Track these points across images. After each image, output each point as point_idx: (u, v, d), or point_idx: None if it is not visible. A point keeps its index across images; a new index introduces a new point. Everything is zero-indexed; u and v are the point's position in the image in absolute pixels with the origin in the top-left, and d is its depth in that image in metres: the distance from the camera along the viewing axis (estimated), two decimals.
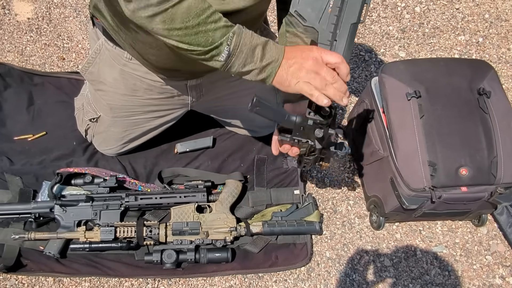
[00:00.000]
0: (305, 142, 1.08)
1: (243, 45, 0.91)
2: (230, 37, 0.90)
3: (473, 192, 1.35)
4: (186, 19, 0.86)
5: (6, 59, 1.87)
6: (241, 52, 0.91)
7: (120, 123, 1.47)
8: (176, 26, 0.87)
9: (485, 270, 1.52)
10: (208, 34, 0.89)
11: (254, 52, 0.92)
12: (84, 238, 1.40)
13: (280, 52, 0.94)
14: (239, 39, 0.91)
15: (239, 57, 0.92)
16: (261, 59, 0.93)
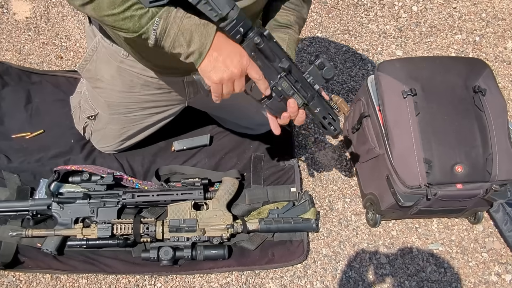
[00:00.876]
0: (292, 94, 1.12)
1: (171, 29, 0.96)
2: (156, 22, 0.94)
3: (468, 189, 1.36)
4: (112, 6, 0.93)
5: (4, 58, 1.88)
6: (169, 36, 0.97)
7: (118, 120, 1.48)
8: (105, 13, 0.94)
9: (481, 267, 1.52)
10: (134, 20, 0.95)
11: (182, 37, 0.97)
12: (81, 235, 1.40)
13: (207, 41, 0.98)
14: (166, 24, 0.95)
15: (166, 41, 0.97)
16: (187, 45, 0.98)
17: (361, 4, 2.19)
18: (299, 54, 2.01)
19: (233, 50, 1.00)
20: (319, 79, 1.13)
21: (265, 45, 1.03)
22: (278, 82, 1.10)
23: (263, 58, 1.06)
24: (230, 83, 1.02)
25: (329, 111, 1.21)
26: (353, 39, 2.08)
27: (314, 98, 1.16)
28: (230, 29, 0.98)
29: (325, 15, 2.15)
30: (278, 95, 1.11)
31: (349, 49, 2.05)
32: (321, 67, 1.11)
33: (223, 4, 0.94)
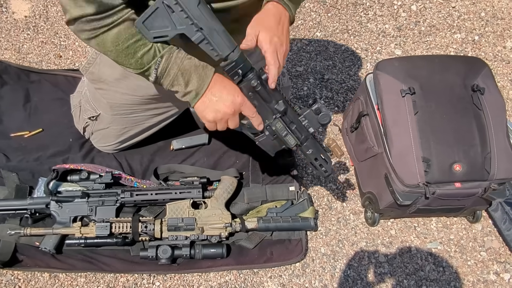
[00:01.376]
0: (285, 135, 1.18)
1: (171, 69, 1.02)
2: (158, 61, 1.01)
3: (467, 188, 1.36)
4: (116, 43, 1.00)
5: (3, 57, 1.88)
6: (169, 75, 1.03)
7: (120, 120, 1.48)
8: (108, 49, 1.01)
9: (479, 266, 1.52)
10: (137, 57, 1.01)
11: (181, 77, 1.03)
12: (80, 234, 1.40)
13: (204, 83, 1.04)
14: (167, 64, 1.01)
15: (166, 79, 1.04)
16: (185, 85, 1.04)
17: (360, 3, 2.19)
18: (298, 54, 2.01)
19: (227, 90, 1.05)
20: (314, 123, 1.18)
21: (261, 88, 1.08)
22: (273, 122, 1.16)
23: (260, 99, 1.11)
24: (223, 121, 1.08)
25: (322, 153, 1.27)
26: (352, 38, 2.08)
27: (308, 140, 1.22)
28: (229, 70, 1.03)
29: (324, 14, 2.15)
30: (271, 134, 1.17)
31: (348, 48, 2.05)
32: (317, 112, 1.16)
33: (224, 46, 1.00)
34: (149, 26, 0.98)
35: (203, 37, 0.99)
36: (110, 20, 0.97)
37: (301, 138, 1.20)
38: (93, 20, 0.96)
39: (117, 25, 0.98)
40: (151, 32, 0.98)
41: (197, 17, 0.96)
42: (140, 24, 0.97)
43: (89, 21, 0.96)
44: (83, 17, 0.95)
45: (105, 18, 0.96)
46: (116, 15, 0.97)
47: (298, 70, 1.96)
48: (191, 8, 0.95)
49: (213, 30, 0.98)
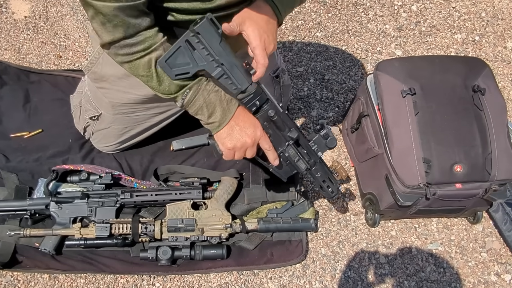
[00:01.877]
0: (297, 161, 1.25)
1: (197, 100, 1.07)
2: (186, 92, 1.06)
3: (467, 189, 1.36)
4: (147, 70, 1.04)
5: (3, 57, 1.88)
6: (194, 105, 1.08)
7: (122, 120, 1.47)
8: (140, 74, 1.06)
9: (480, 267, 1.52)
10: (165, 84, 1.06)
11: (205, 108, 1.08)
12: (80, 234, 1.40)
13: (226, 117, 1.09)
14: (194, 95, 1.06)
15: (191, 108, 1.09)
16: (209, 116, 1.09)
17: (360, 3, 2.19)
18: (298, 54, 2.01)
19: (249, 122, 1.11)
20: (322, 147, 1.25)
21: (278, 118, 1.14)
22: (286, 149, 1.21)
23: (274, 128, 1.17)
24: (242, 150, 1.13)
25: (329, 175, 1.33)
26: (352, 38, 2.08)
27: (316, 164, 1.28)
28: (247, 102, 1.10)
29: (324, 14, 2.15)
30: (284, 160, 1.23)
31: (348, 48, 2.05)
32: (325, 137, 1.23)
33: (242, 80, 1.05)
34: (172, 65, 1.00)
35: (223, 72, 1.03)
36: (142, 47, 1.01)
37: (311, 162, 1.26)
38: (126, 45, 1.00)
39: (149, 53, 1.02)
40: (173, 70, 1.01)
41: (219, 54, 1.00)
42: (163, 63, 1.00)
43: (122, 46, 1.01)
44: (114, 42, 1.00)
45: (136, 44, 1.00)
46: (148, 42, 1.01)
47: (298, 70, 1.96)
48: (213, 45, 0.99)
49: (234, 65, 1.02)
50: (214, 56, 1.00)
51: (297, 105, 1.85)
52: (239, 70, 1.03)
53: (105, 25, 0.97)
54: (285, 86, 1.59)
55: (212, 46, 0.99)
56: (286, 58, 1.99)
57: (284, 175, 1.27)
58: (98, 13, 0.95)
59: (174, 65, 1.01)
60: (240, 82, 1.05)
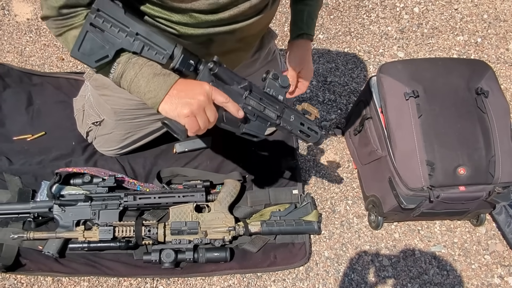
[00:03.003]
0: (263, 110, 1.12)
1: (127, 74, 0.98)
2: (114, 67, 0.98)
3: (471, 192, 1.36)
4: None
5: (6, 60, 1.88)
6: (125, 80, 0.99)
7: (123, 125, 1.47)
8: (69, 47, 0.98)
9: (483, 269, 1.52)
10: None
11: (137, 83, 0.98)
12: (83, 237, 1.40)
13: (166, 85, 0.97)
14: (123, 69, 0.98)
15: (123, 84, 1.00)
16: (143, 91, 0.98)
17: (362, 5, 2.19)
18: None
19: (193, 83, 0.99)
20: (279, 90, 1.14)
21: (219, 69, 1.02)
22: (246, 102, 1.09)
23: (223, 84, 1.05)
24: (201, 111, 0.98)
25: (302, 118, 1.21)
26: (354, 40, 2.08)
27: (284, 109, 1.17)
28: (181, 64, 0.99)
29: (326, 16, 2.15)
30: (251, 114, 1.11)
31: (350, 50, 2.05)
32: (275, 78, 1.12)
33: (165, 44, 0.96)
34: (87, 52, 0.94)
35: (143, 44, 0.95)
36: (71, 22, 0.97)
37: (278, 109, 1.15)
38: (56, 20, 0.97)
39: (77, 27, 0.97)
40: (91, 57, 0.94)
41: (129, 25, 0.94)
42: (76, 53, 0.93)
43: (54, 21, 0.97)
44: (50, 17, 0.97)
45: (66, 19, 0.96)
46: (77, 17, 0.96)
47: None
48: (119, 18, 0.93)
49: (149, 32, 0.95)
50: (125, 29, 0.93)
51: None
52: (158, 35, 0.96)
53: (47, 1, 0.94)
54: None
55: (120, 19, 0.93)
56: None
57: (259, 131, 1.14)
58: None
59: (90, 52, 0.94)
60: (165, 46, 0.96)
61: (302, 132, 1.22)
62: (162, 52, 0.96)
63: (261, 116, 1.13)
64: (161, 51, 0.97)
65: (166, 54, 0.96)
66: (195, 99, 0.96)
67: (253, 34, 1.13)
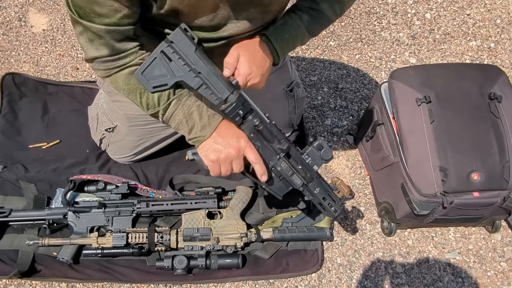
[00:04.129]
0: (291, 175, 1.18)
1: (176, 114, 1.07)
2: (166, 107, 1.06)
3: (485, 198, 1.34)
4: (127, 83, 1.06)
5: (22, 70, 1.92)
6: (174, 120, 1.08)
7: (136, 132, 1.49)
8: (121, 87, 1.07)
9: (499, 277, 1.49)
10: (146, 98, 1.07)
11: (185, 123, 1.07)
12: (97, 244, 1.41)
13: (207, 131, 1.06)
14: (173, 109, 1.06)
15: (172, 123, 1.09)
16: (189, 131, 1.08)
17: (373, 12, 2.19)
18: (312, 63, 2.02)
19: (233, 133, 1.06)
20: (317, 160, 1.17)
21: (263, 127, 1.09)
22: (277, 162, 1.15)
23: (262, 140, 1.12)
24: (227, 162, 1.07)
25: (329, 192, 1.25)
26: (366, 47, 2.08)
27: (313, 179, 1.20)
28: (230, 112, 1.04)
29: (337, 23, 2.16)
30: (277, 175, 1.17)
31: (362, 57, 2.05)
32: (319, 149, 1.15)
33: (222, 89, 1.01)
34: (148, 77, 0.99)
35: (202, 82, 1.00)
36: (123, 62, 1.03)
37: (307, 177, 1.19)
38: (107, 61, 1.02)
39: (129, 66, 1.04)
40: (150, 82, 0.99)
41: (195, 63, 0.98)
42: (139, 75, 0.98)
43: (104, 61, 1.03)
44: (98, 58, 1.02)
45: (118, 59, 1.02)
46: (129, 57, 1.03)
47: (312, 79, 1.96)
48: (188, 54, 0.98)
49: (211, 73, 1.00)
50: (191, 65, 0.98)
51: (311, 114, 1.85)
52: (218, 79, 1.01)
53: (93, 42, 0.99)
54: (300, 99, 1.59)
55: (188, 55, 0.97)
56: (299, 67, 2.00)
57: (279, 192, 1.21)
58: (87, 30, 0.97)
59: (151, 77, 0.99)
60: (220, 91, 1.01)
61: (321, 205, 1.26)
62: (217, 95, 1.02)
63: (287, 179, 1.18)
64: (216, 93, 1.02)
65: (220, 98, 1.02)
66: (226, 151, 1.05)
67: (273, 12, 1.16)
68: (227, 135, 1.06)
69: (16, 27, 2.05)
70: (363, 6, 2.21)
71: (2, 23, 2.06)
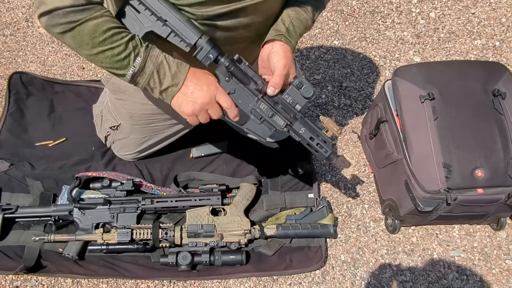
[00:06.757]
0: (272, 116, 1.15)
1: (147, 66, 1.02)
2: (135, 58, 1.00)
3: (489, 194, 1.33)
4: (93, 35, 0.97)
5: (29, 69, 1.94)
6: (144, 73, 1.03)
7: (140, 130, 1.50)
8: (85, 41, 0.97)
9: (504, 274, 1.49)
10: (113, 52, 0.99)
11: (156, 74, 1.03)
12: (102, 240, 1.42)
13: (179, 79, 1.05)
14: (144, 61, 1.01)
15: (142, 77, 1.03)
16: (160, 82, 1.04)
17: (377, 11, 2.19)
18: (316, 62, 2.02)
19: (201, 82, 1.05)
20: (299, 99, 1.13)
21: (235, 68, 1.08)
22: (256, 104, 1.13)
23: (238, 82, 1.10)
24: (203, 112, 1.07)
25: (317, 131, 1.19)
26: (370, 46, 2.08)
27: (298, 119, 1.16)
28: (200, 55, 1.05)
29: (341, 22, 2.16)
30: (257, 117, 1.14)
31: (366, 56, 2.05)
32: (299, 87, 1.11)
33: (190, 34, 1.03)
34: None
35: (170, 30, 1.02)
36: (88, 14, 0.95)
37: (290, 118, 1.15)
38: (70, 12, 0.93)
39: (95, 18, 0.96)
40: None
41: (161, 11, 1.00)
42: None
43: (65, 13, 0.93)
44: (59, 9, 0.93)
45: (82, 11, 0.95)
46: (94, 9, 0.96)
47: (316, 78, 1.97)
48: (154, 4, 1.00)
49: (177, 20, 1.01)
50: (157, 14, 1.00)
51: (315, 112, 1.85)
52: (185, 25, 1.02)
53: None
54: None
55: (153, 5, 1.00)
56: (304, 66, 2.01)
57: (263, 134, 1.17)
58: None
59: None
60: (189, 36, 1.02)
61: (310, 145, 1.20)
62: (186, 41, 1.03)
63: (268, 121, 1.15)
64: (185, 39, 1.03)
65: (189, 43, 1.03)
66: (198, 101, 1.05)
67: (259, 21, 1.13)
68: (198, 84, 1.05)
69: (23, 28, 2.08)
70: (367, 5, 2.22)
71: (10, 24, 2.08)
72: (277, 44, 1.13)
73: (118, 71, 1.02)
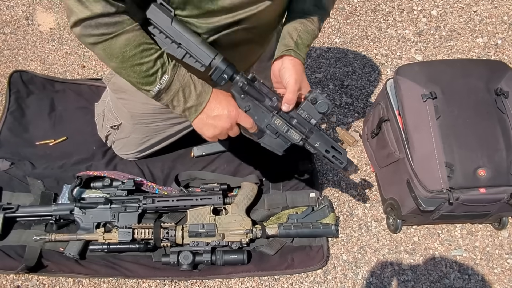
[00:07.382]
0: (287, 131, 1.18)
1: (173, 84, 1.04)
2: (162, 76, 1.03)
3: (492, 194, 1.33)
4: (124, 49, 0.99)
5: (29, 67, 1.93)
6: (170, 90, 1.05)
7: (141, 129, 1.50)
8: (115, 55, 0.99)
9: (506, 274, 1.48)
10: (142, 68, 1.01)
11: (181, 93, 1.06)
12: (103, 239, 1.42)
13: (203, 100, 1.07)
14: (171, 79, 1.03)
15: (168, 94, 1.05)
16: (185, 101, 1.07)
17: (379, 9, 2.18)
18: (317, 60, 2.01)
19: (222, 106, 1.08)
20: (314, 113, 1.15)
21: (249, 87, 1.11)
22: (271, 120, 1.16)
23: (253, 99, 1.13)
24: (223, 135, 1.13)
25: (333, 144, 1.22)
26: (371, 44, 2.07)
27: (313, 133, 1.19)
28: (215, 76, 1.08)
29: (343, 21, 2.15)
30: (273, 132, 1.17)
31: (367, 54, 2.04)
32: (313, 102, 1.13)
33: (203, 55, 1.06)
34: None
35: (185, 52, 1.05)
36: (120, 27, 0.96)
37: (306, 132, 1.18)
38: (102, 24, 0.94)
39: (127, 32, 0.97)
40: None
41: (174, 34, 1.03)
42: None
43: (98, 25, 0.94)
44: (89, 18, 0.93)
45: (114, 24, 0.95)
46: (125, 22, 0.97)
47: (317, 77, 1.96)
48: (165, 27, 1.02)
49: (190, 42, 1.04)
50: (171, 38, 1.03)
51: None
52: (198, 47, 1.05)
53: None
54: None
55: (167, 29, 1.02)
56: (305, 64, 2.00)
57: (278, 148, 1.20)
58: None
59: None
60: (203, 58, 1.06)
61: (326, 157, 1.24)
62: (200, 62, 1.06)
63: (283, 135, 1.18)
64: (199, 60, 1.06)
65: (204, 64, 1.06)
66: (219, 126, 1.09)
67: (263, 23, 1.13)
68: (219, 107, 1.08)
69: (23, 26, 2.07)
70: (369, 3, 2.21)
71: (10, 22, 2.07)
72: (286, 59, 1.14)
73: (144, 87, 1.04)
